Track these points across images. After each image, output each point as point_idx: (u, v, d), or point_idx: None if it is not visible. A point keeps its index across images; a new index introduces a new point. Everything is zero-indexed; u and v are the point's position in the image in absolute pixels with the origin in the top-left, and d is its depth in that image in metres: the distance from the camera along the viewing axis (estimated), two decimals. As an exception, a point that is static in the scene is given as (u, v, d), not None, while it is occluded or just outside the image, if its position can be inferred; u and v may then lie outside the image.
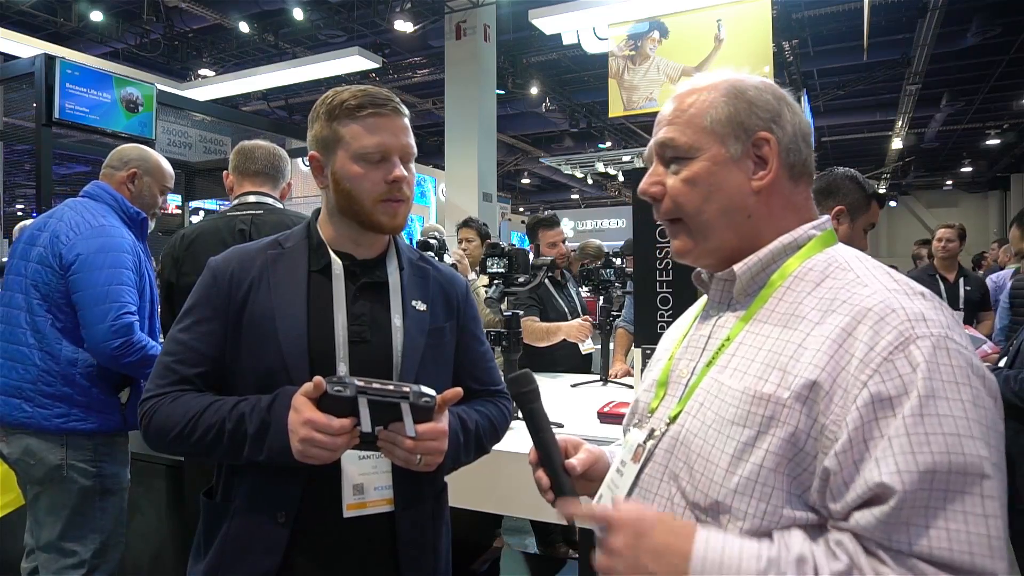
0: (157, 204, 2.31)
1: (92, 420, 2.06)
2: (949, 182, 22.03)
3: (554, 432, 0.96)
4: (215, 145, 7.27)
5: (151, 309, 2.22)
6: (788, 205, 0.86)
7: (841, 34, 9.56)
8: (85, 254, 2.03)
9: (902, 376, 0.68)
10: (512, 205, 18.75)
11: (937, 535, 0.63)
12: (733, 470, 0.74)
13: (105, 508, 2.11)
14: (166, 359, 1.20)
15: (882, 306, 0.72)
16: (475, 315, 1.41)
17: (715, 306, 0.91)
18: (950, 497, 0.64)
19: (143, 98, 5.12)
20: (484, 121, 8.70)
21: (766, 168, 0.84)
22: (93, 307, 1.99)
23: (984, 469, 0.64)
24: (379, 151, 1.17)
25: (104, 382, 2.07)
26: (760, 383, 0.75)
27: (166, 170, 2.33)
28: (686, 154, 0.86)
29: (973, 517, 0.63)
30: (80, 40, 9.68)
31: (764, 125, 0.85)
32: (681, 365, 0.90)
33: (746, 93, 0.86)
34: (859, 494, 0.67)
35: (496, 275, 2.40)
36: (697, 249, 0.88)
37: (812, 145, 0.89)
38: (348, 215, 1.21)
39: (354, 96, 1.18)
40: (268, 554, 1.14)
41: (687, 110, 0.87)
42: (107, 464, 2.11)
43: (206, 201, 7.30)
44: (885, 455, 0.66)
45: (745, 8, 6.17)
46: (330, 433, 1.02)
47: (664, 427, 0.86)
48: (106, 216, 2.14)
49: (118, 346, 1.98)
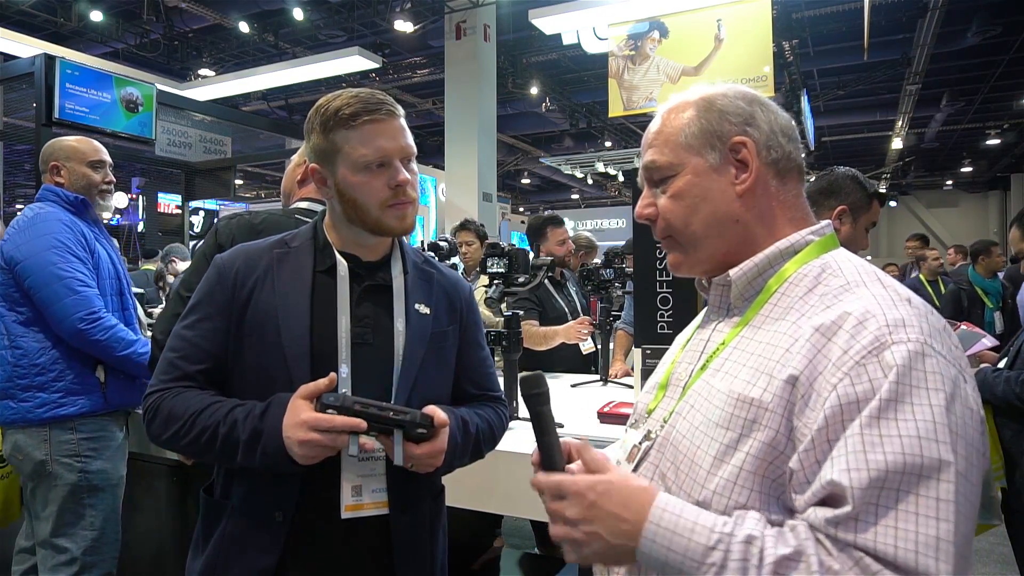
0: (96, 182, 2.31)
1: (73, 404, 2.09)
2: (949, 182, 22.03)
3: (559, 435, 0.96)
4: (215, 145, 7.27)
5: (120, 286, 2.28)
6: (778, 204, 0.87)
7: (841, 34, 9.56)
8: (22, 243, 2.11)
9: (872, 380, 0.68)
10: (512, 205, 18.76)
11: (884, 532, 0.64)
12: (714, 471, 0.76)
13: (95, 505, 2.12)
14: (170, 355, 1.20)
15: (863, 311, 0.73)
16: (477, 320, 1.41)
17: (715, 311, 0.92)
18: (901, 497, 0.64)
19: (143, 98, 5.12)
20: (484, 121, 8.69)
21: (747, 171, 0.86)
22: (45, 289, 2.06)
23: (942, 473, 0.65)
24: (379, 158, 1.16)
25: (76, 363, 2.11)
26: (748, 387, 0.77)
27: (81, 147, 2.32)
28: (669, 172, 0.88)
29: (924, 519, 0.64)
30: (80, 40, 9.68)
31: (738, 129, 0.86)
32: (680, 368, 0.92)
33: (715, 103, 0.88)
34: (815, 492, 0.69)
35: (496, 275, 2.40)
36: (689, 260, 0.91)
37: (798, 139, 0.90)
38: (356, 222, 1.21)
39: (347, 104, 1.17)
40: (265, 552, 1.15)
41: (663, 130, 0.90)
42: (92, 459, 2.12)
43: (206, 201, 7.31)
44: (839, 454, 0.67)
45: (745, 8, 6.17)
46: (330, 430, 1.04)
47: (659, 429, 0.88)
48: (43, 208, 2.20)
49: (82, 320, 2.05)
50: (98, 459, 2.14)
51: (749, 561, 0.67)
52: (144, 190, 11.23)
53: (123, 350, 2.13)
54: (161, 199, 9.71)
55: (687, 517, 0.72)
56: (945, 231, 22.18)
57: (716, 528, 0.70)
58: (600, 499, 0.75)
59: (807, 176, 0.95)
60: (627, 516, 0.73)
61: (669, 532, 0.71)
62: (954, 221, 22.31)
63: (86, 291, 2.08)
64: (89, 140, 2.37)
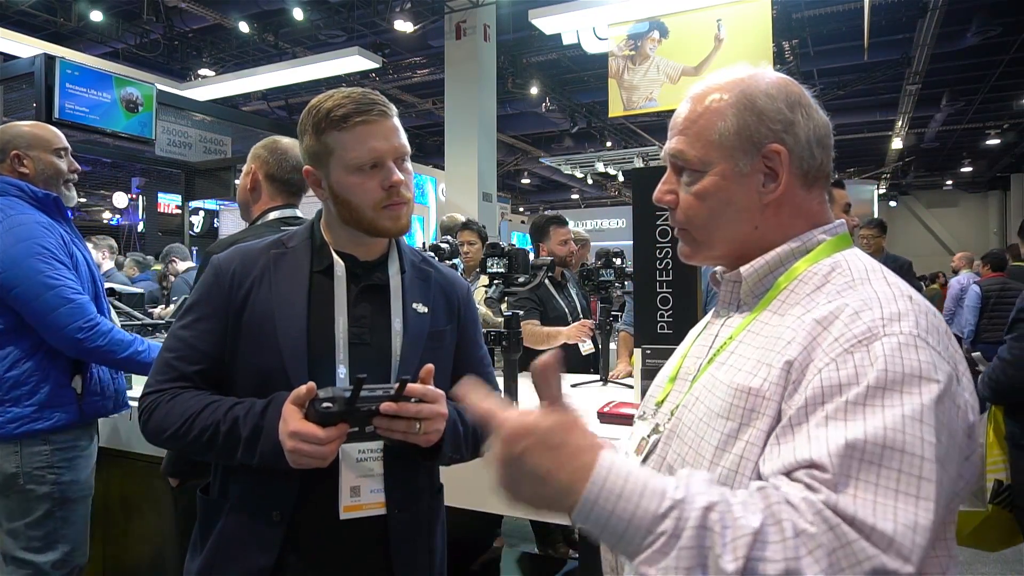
0: (62, 172, 2.13)
1: (49, 417, 1.97)
2: (949, 182, 22.03)
3: None
4: (215, 145, 7.26)
5: (96, 290, 2.13)
6: (800, 213, 0.86)
7: (841, 34, 9.56)
8: (3, 249, 1.92)
9: (857, 368, 0.67)
10: (512, 205, 18.75)
11: (864, 503, 0.61)
12: (717, 461, 0.76)
13: (67, 518, 2.02)
14: (166, 355, 1.21)
15: (860, 304, 0.73)
16: (475, 318, 1.41)
17: (725, 306, 0.92)
18: (883, 472, 0.62)
19: (143, 98, 5.12)
20: (484, 121, 8.69)
21: (776, 181, 0.84)
22: (37, 300, 1.91)
23: (925, 451, 0.63)
24: (372, 159, 1.16)
25: (53, 374, 1.99)
26: (749, 378, 0.77)
27: (45, 134, 2.12)
28: (696, 167, 0.86)
29: (904, 496, 0.61)
30: (80, 40, 9.68)
31: (775, 137, 0.83)
32: (690, 363, 0.92)
33: (756, 103, 0.83)
34: (787, 463, 0.66)
35: (496, 275, 2.40)
36: (700, 255, 0.91)
37: (831, 145, 0.87)
38: (351, 223, 1.21)
39: (339, 105, 1.16)
40: (263, 552, 1.15)
41: (697, 120, 0.86)
42: (66, 471, 2.01)
43: (206, 201, 7.31)
44: (817, 434, 0.65)
45: (745, 8, 6.17)
46: (316, 443, 1.02)
47: (667, 421, 0.88)
48: (13, 207, 2.01)
49: (80, 330, 1.92)
50: (72, 470, 2.03)
51: (711, 529, 0.60)
52: (144, 190, 11.25)
53: (124, 352, 2.04)
54: (161, 199, 9.72)
55: (635, 479, 0.63)
56: (945, 231, 22.20)
57: (668, 493, 0.63)
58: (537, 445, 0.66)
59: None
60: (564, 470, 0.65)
61: (614, 496, 0.63)
62: (954, 221, 22.31)
63: (79, 298, 1.96)
64: (47, 126, 2.17)
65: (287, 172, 1.92)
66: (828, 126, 0.87)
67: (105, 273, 5.26)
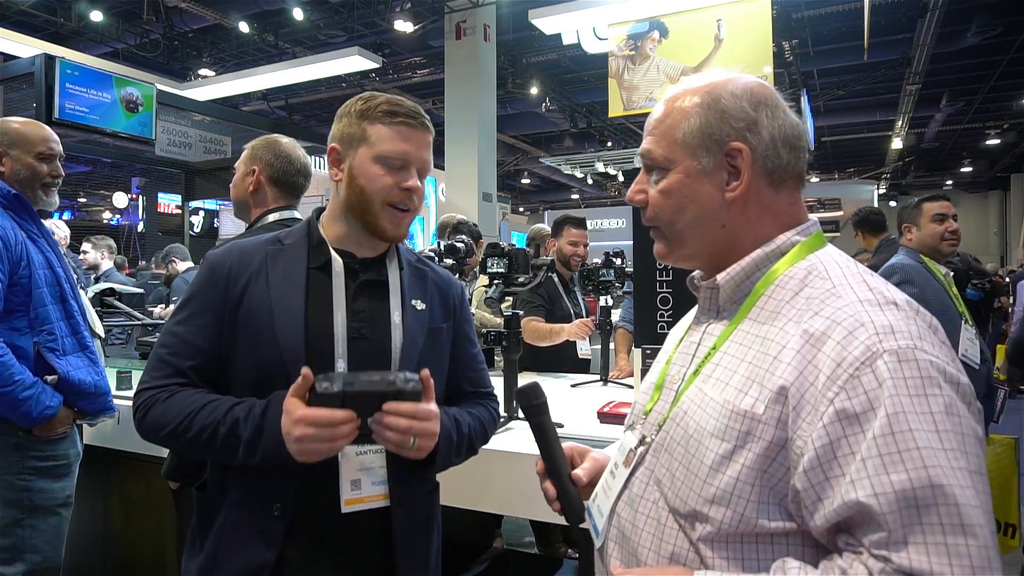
0: (40, 175, 2.04)
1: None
2: (949, 182, 22.02)
3: (560, 442, 0.97)
4: (215, 145, 7.25)
5: (61, 292, 2.00)
6: (768, 212, 0.86)
7: (841, 34, 9.56)
8: None
9: (868, 392, 0.68)
10: (512, 205, 18.76)
11: (917, 551, 0.64)
12: (711, 481, 0.76)
13: (36, 527, 1.94)
14: (161, 351, 1.21)
15: (852, 320, 0.73)
16: (469, 317, 1.44)
17: (705, 313, 0.92)
18: (930, 513, 0.64)
19: (143, 98, 5.12)
20: (484, 121, 8.69)
21: (739, 179, 0.85)
22: None
23: (960, 480, 0.65)
24: (401, 158, 1.20)
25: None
26: (740, 396, 0.77)
27: (30, 135, 2.04)
28: (662, 165, 0.88)
29: (950, 527, 0.64)
30: (80, 40, 9.68)
31: (737, 135, 0.84)
32: (673, 370, 0.92)
33: (720, 102, 0.85)
34: (836, 510, 0.68)
35: (496, 275, 2.40)
36: (673, 254, 0.92)
37: (802, 147, 0.88)
38: (355, 213, 1.22)
39: (389, 103, 1.22)
40: (266, 546, 1.15)
41: (665, 120, 0.88)
42: (36, 479, 1.94)
43: (206, 201, 7.30)
44: (860, 476, 0.67)
45: (745, 8, 6.17)
46: (329, 425, 1.02)
47: (654, 434, 0.88)
48: None
49: None
50: (44, 478, 1.95)
51: None
52: (144, 190, 11.25)
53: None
54: (161, 199, 9.71)
55: None
56: (945, 231, 22.15)
57: None
58: None
59: (807, 177, 0.95)
60: None
61: None
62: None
63: None
64: (39, 125, 2.09)
65: (291, 175, 1.93)
66: (798, 127, 0.88)
67: (104, 273, 5.26)
